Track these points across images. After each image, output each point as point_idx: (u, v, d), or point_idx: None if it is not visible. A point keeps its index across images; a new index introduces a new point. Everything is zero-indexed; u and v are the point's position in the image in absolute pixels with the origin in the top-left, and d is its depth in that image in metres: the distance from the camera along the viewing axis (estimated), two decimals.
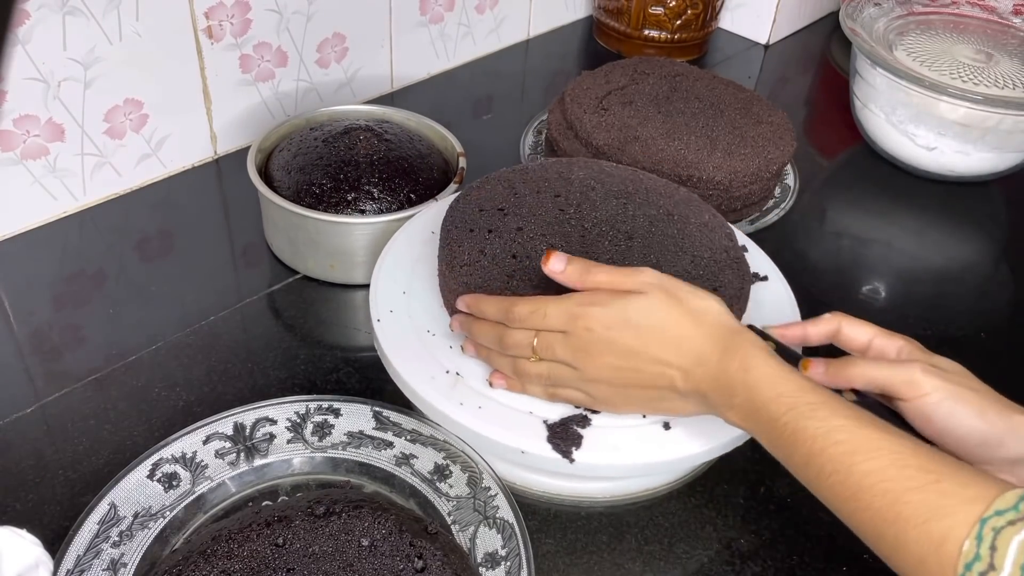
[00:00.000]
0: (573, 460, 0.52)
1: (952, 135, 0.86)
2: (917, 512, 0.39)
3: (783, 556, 0.56)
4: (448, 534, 0.51)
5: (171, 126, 0.80)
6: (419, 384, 0.55)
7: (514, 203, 0.62)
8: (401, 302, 0.61)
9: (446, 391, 0.55)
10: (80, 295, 0.70)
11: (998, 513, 0.36)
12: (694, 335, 0.49)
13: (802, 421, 0.44)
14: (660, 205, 0.64)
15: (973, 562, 0.36)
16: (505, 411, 0.55)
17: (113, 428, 0.60)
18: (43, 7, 0.67)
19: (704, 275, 0.59)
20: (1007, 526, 0.36)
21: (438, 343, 0.58)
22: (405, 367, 0.56)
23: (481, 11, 1.02)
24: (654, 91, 0.85)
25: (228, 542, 0.48)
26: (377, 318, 0.59)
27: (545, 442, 0.53)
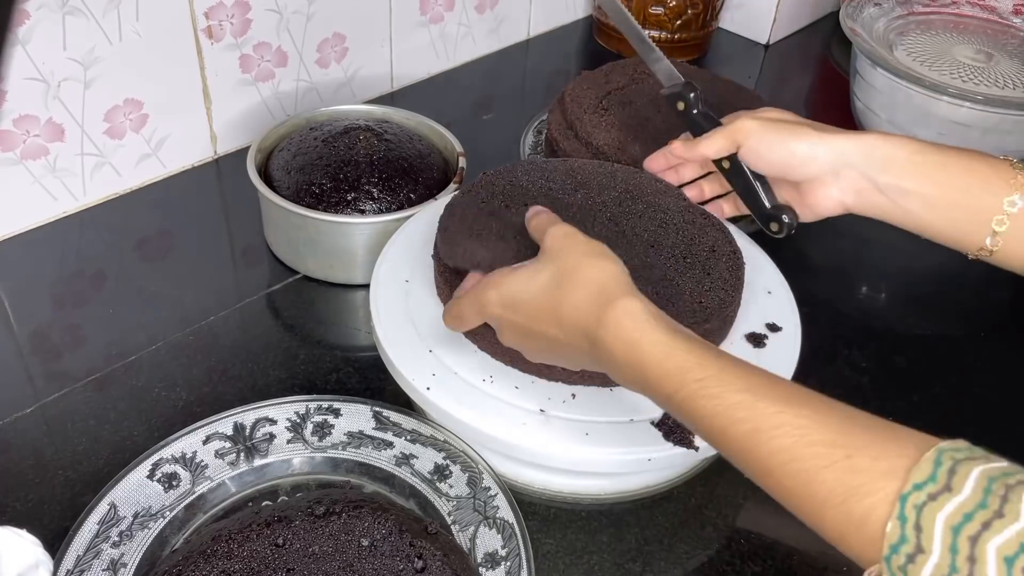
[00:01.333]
0: (697, 448, 0.53)
1: (952, 135, 0.86)
2: (833, 491, 0.37)
3: (783, 556, 0.56)
4: (448, 534, 0.51)
5: (171, 126, 0.80)
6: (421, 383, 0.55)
7: (512, 196, 0.62)
8: (401, 302, 0.61)
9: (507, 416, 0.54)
10: (80, 295, 0.70)
11: (916, 487, 0.34)
12: (575, 309, 0.48)
13: (696, 401, 0.42)
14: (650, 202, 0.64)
15: (899, 544, 0.34)
16: (609, 427, 0.54)
17: (113, 428, 0.60)
18: (43, 7, 0.67)
19: (695, 268, 0.59)
20: (929, 501, 0.34)
21: (439, 342, 0.58)
22: (406, 367, 0.56)
23: (481, 11, 1.02)
24: (654, 91, 0.85)
25: (228, 542, 0.48)
26: (377, 318, 0.59)
27: (665, 441, 0.53)
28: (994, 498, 0.33)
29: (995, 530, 0.32)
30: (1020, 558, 0.31)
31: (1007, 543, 0.32)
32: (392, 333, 0.58)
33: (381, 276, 0.63)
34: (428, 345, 0.58)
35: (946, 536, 0.33)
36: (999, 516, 0.32)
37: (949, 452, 0.35)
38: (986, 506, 0.32)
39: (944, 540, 0.33)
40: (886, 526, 0.35)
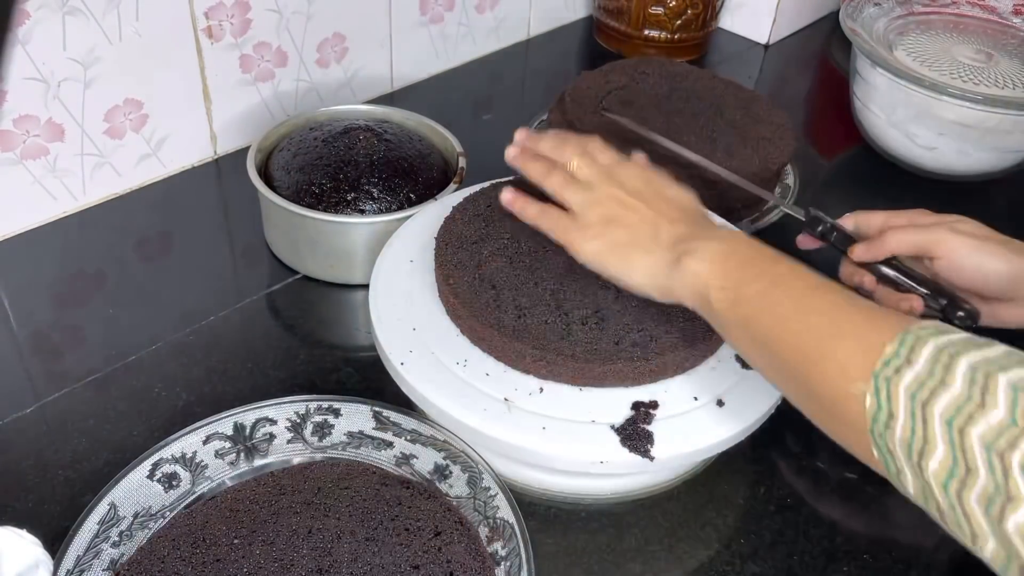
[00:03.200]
0: (653, 458, 0.53)
1: (952, 135, 0.86)
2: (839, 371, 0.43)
3: (783, 556, 0.56)
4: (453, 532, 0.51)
5: (171, 126, 0.80)
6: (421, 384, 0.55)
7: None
8: (401, 302, 0.61)
9: (492, 413, 0.55)
10: (80, 295, 0.70)
11: (885, 364, 0.41)
12: (686, 204, 0.57)
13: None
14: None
15: (878, 413, 0.40)
16: (567, 425, 0.54)
17: (113, 428, 0.60)
18: (43, 7, 0.67)
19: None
20: (893, 375, 0.40)
21: (440, 342, 0.58)
22: (408, 367, 0.56)
23: (481, 11, 1.02)
24: (654, 91, 0.85)
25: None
26: (377, 318, 0.59)
27: (620, 447, 0.53)
28: (939, 368, 0.39)
29: (937, 395, 0.38)
30: (955, 419, 0.37)
31: (947, 408, 0.38)
32: (391, 333, 0.58)
33: (381, 276, 0.63)
34: (430, 345, 0.58)
35: (907, 402, 0.39)
36: (942, 384, 0.38)
37: (914, 331, 0.41)
38: (933, 375, 0.39)
39: (906, 406, 0.39)
40: (866, 401, 0.41)
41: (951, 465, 0.37)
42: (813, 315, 0.46)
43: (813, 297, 0.47)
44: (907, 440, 0.39)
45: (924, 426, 0.38)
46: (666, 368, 0.57)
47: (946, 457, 0.38)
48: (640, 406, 0.55)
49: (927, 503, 0.40)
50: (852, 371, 0.42)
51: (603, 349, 0.56)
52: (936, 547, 0.57)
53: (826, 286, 0.48)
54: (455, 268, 0.60)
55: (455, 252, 0.61)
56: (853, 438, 0.43)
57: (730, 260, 0.51)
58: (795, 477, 0.61)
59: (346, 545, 0.49)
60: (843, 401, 0.42)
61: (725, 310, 0.49)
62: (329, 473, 0.54)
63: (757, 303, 0.48)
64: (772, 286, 0.48)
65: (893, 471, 0.41)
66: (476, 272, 0.60)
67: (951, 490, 0.38)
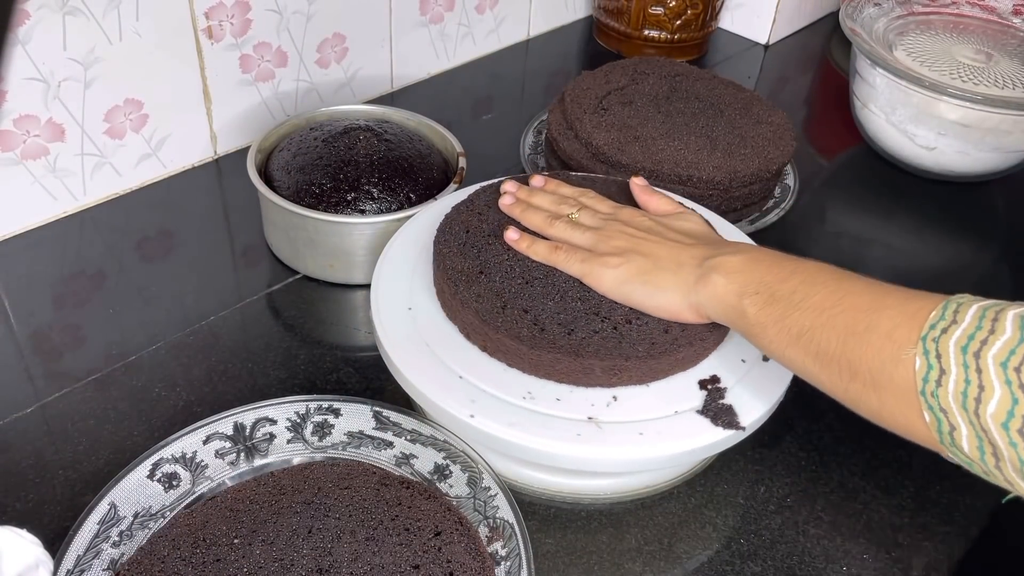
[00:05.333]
0: (744, 428, 0.54)
1: (952, 135, 0.86)
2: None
3: (783, 556, 0.56)
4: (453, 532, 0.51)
5: (171, 126, 0.80)
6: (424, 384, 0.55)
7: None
8: (401, 301, 0.61)
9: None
10: (80, 295, 0.70)
11: (931, 327, 0.42)
12: (697, 231, 0.60)
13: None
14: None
15: (928, 372, 0.42)
16: (661, 424, 0.54)
17: (113, 428, 0.60)
18: (43, 7, 0.67)
19: None
20: (941, 334, 0.42)
21: (439, 342, 0.58)
22: (407, 367, 0.56)
23: (481, 11, 1.02)
24: (654, 91, 0.85)
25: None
26: (377, 318, 0.59)
27: (714, 427, 0.54)
28: (987, 322, 0.41)
29: (989, 344, 0.40)
30: (1010, 360, 0.39)
31: (999, 352, 0.40)
32: (392, 333, 0.58)
33: (381, 276, 0.63)
34: (430, 345, 0.58)
35: (957, 356, 0.41)
36: (991, 333, 0.40)
37: (954, 299, 0.43)
38: (981, 328, 0.41)
39: (957, 359, 0.41)
40: (915, 364, 0.42)
41: (1011, 405, 0.39)
42: (850, 296, 0.47)
43: (847, 282, 0.49)
44: (961, 391, 0.40)
45: (979, 375, 0.40)
46: (715, 342, 0.58)
47: (1004, 397, 0.39)
48: (706, 384, 0.56)
49: (982, 453, 0.41)
50: (898, 337, 0.43)
51: (662, 342, 0.56)
52: (936, 547, 0.57)
53: (856, 275, 0.50)
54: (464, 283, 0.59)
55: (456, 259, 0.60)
56: (900, 406, 0.44)
57: (757, 266, 0.52)
58: (795, 477, 0.61)
59: (346, 545, 0.49)
60: (891, 368, 0.43)
61: (759, 312, 0.50)
62: (329, 473, 0.54)
63: (792, 299, 0.49)
64: (804, 283, 0.49)
65: (946, 430, 0.42)
66: (491, 287, 0.58)
67: (1012, 428, 0.39)
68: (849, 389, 0.47)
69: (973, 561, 0.58)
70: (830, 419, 0.64)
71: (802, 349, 0.48)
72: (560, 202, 0.63)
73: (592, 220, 0.61)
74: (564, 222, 0.61)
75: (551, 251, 0.59)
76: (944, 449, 0.43)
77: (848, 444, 0.63)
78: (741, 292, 0.51)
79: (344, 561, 0.48)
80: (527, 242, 0.60)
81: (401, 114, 0.80)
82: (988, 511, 0.60)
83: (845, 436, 0.63)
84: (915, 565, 0.56)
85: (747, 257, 0.53)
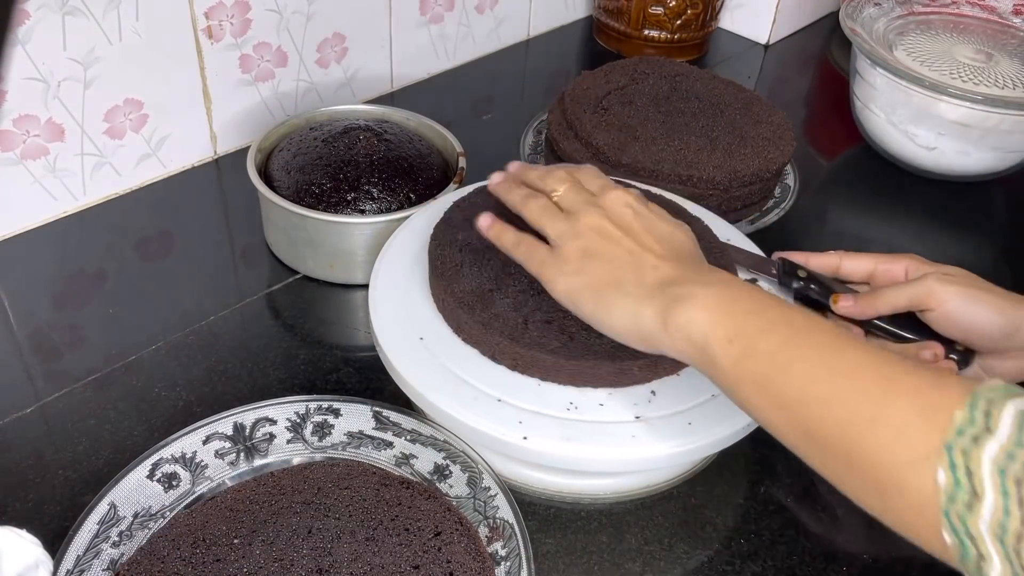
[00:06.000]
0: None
1: (952, 135, 0.86)
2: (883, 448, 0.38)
3: (783, 556, 0.56)
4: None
5: (171, 126, 0.80)
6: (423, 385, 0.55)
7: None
8: (401, 302, 0.61)
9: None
10: (80, 295, 0.70)
11: (959, 433, 0.35)
12: (678, 242, 0.52)
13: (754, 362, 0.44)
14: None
15: (956, 491, 0.35)
16: (710, 408, 0.54)
17: (113, 428, 0.60)
18: (43, 7, 0.67)
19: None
20: (972, 445, 0.35)
21: (440, 342, 0.58)
22: (406, 368, 0.56)
23: (481, 11, 1.02)
24: (654, 91, 0.85)
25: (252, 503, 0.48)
26: (377, 318, 0.59)
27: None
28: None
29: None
30: None
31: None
32: (391, 334, 0.58)
33: (381, 276, 0.63)
34: (429, 345, 0.58)
35: (994, 479, 0.33)
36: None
37: (982, 393, 0.36)
38: (1022, 443, 0.33)
39: (994, 482, 0.33)
40: (938, 476, 0.35)
41: None
42: (849, 370, 0.40)
43: (844, 351, 0.41)
44: (999, 523, 0.33)
45: (1022, 507, 0.33)
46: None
47: None
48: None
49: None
50: (913, 437, 0.36)
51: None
52: None
53: (852, 339, 0.43)
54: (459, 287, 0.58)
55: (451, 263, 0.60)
56: (912, 516, 0.37)
57: (735, 308, 0.45)
58: (795, 477, 0.61)
59: (346, 545, 0.49)
60: (904, 472, 0.36)
61: (732, 366, 0.43)
62: (329, 473, 0.54)
63: (775, 360, 0.42)
64: (789, 340, 0.42)
65: (972, 557, 0.34)
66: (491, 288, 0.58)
67: None
68: (846, 480, 0.40)
69: None
70: None
71: (789, 420, 0.42)
72: (547, 176, 0.55)
73: (573, 199, 0.53)
74: (539, 204, 0.54)
75: (515, 245, 0.54)
76: (965, 572, 0.36)
77: None
78: (710, 335, 0.44)
79: (344, 561, 0.48)
80: (496, 229, 0.55)
81: (401, 114, 0.80)
82: None
83: None
84: (915, 565, 0.56)
85: (720, 292, 0.46)
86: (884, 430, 0.37)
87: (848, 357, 0.41)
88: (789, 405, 0.41)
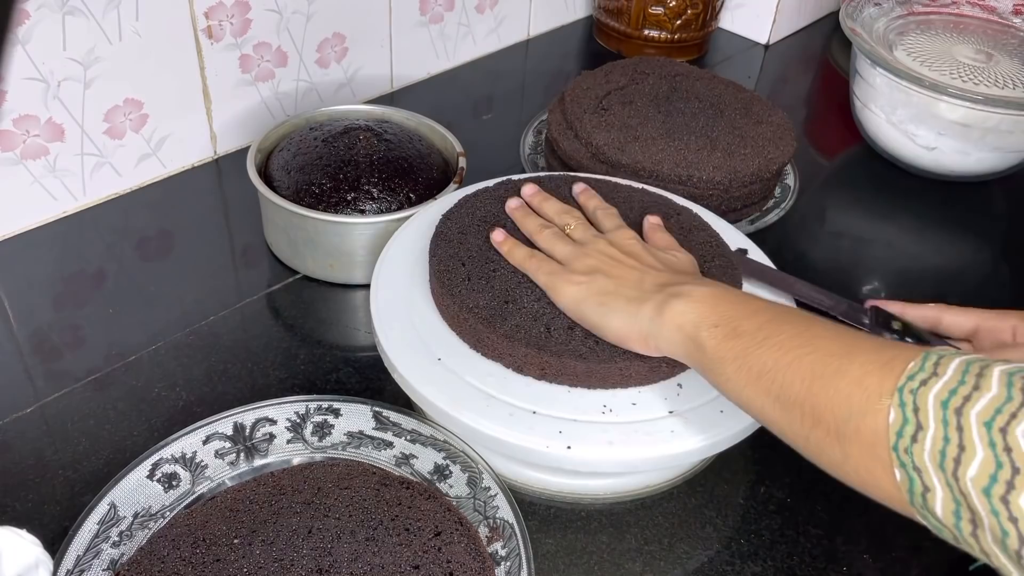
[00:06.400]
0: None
1: (952, 135, 0.86)
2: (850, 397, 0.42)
3: (783, 556, 0.56)
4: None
5: (171, 126, 0.80)
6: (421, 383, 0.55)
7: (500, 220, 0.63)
8: (401, 301, 0.61)
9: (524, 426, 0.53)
10: (80, 295, 0.70)
11: (910, 377, 0.39)
12: (681, 267, 0.57)
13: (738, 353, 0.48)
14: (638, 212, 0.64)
15: (903, 427, 0.39)
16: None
17: (113, 428, 0.60)
18: (43, 7, 0.67)
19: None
20: (920, 386, 0.39)
21: (440, 343, 0.58)
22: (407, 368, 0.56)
23: (481, 11, 1.02)
24: (654, 91, 0.85)
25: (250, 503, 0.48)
26: (377, 318, 0.59)
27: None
28: (971, 377, 0.37)
29: (973, 401, 0.37)
30: (995, 420, 0.36)
31: (983, 410, 0.36)
32: (392, 333, 0.58)
33: (381, 276, 0.63)
34: (429, 345, 0.58)
35: (937, 411, 0.38)
36: (975, 389, 0.37)
37: (935, 351, 0.40)
38: (965, 383, 0.37)
39: (936, 415, 0.37)
40: (889, 416, 0.39)
41: (994, 469, 0.35)
42: (820, 339, 0.44)
43: (817, 325, 0.45)
44: (939, 450, 0.37)
45: (960, 432, 0.37)
46: None
47: (987, 460, 0.36)
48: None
49: (958, 519, 0.37)
50: (870, 385, 0.40)
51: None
52: (936, 547, 0.57)
53: (827, 320, 0.46)
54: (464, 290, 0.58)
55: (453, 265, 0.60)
56: (867, 461, 0.40)
57: (721, 301, 0.49)
58: (795, 477, 0.61)
59: (346, 545, 0.49)
60: (859, 418, 0.40)
61: (718, 345, 0.47)
62: (329, 473, 0.54)
63: (756, 336, 0.46)
64: (770, 321, 0.47)
65: (918, 490, 0.38)
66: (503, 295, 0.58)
67: (995, 495, 0.35)
68: (811, 437, 0.44)
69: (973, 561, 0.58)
70: None
71: (762, 389, 0.45)
72: (565, 212, 0.62)
73: (583, 234, 0.59)
74: (552, 232, 0.60)
75: (526, 258, 0.58)
76: (914, 511, 0.40)
77: None
78: (700, 322, 0.49)
79: (344, 561, 0.48)
80: (509, 245, 0.60)
81: (401, 114, 0.80)
82: None
83: None
84: (915, 565, 0.56)
85: (713, 290, 0.51)
86: (845, 382, 0.41)
87: (817, 329, 0.45)
88: (764, 374, 0.45)
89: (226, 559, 0.48)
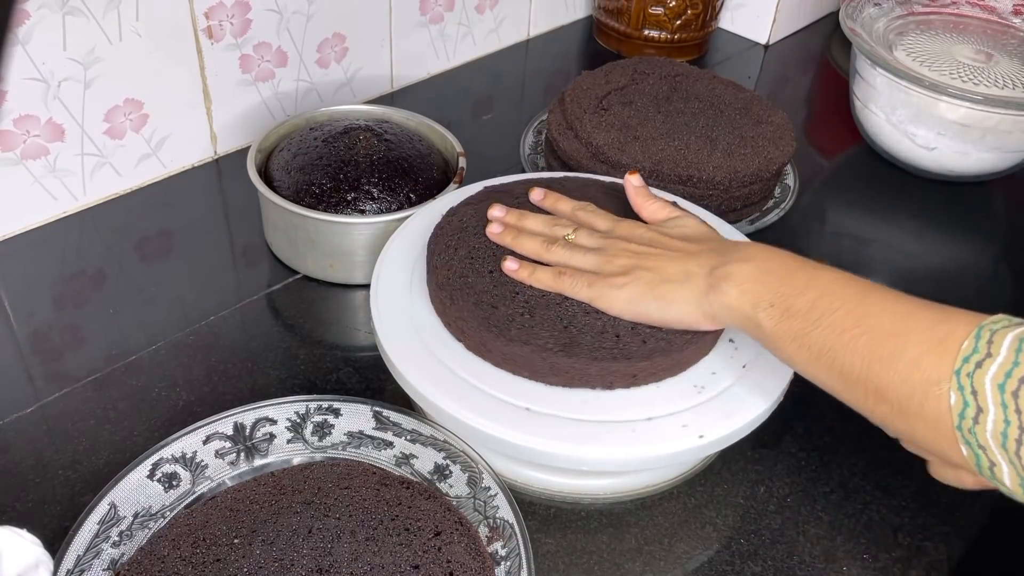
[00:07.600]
0: None
1: (952, 135, 0.86)
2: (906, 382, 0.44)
3: (783, 556, 0.56)
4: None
5: (171, 126, 0.80)
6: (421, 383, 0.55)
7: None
8: (401, 301, 0.61)
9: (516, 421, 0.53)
10: (80, 295, 0.70)
11: (965, 360, 0.41)
12: (700, 235, 0.58)
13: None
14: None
15: (964, 410, 0.40)
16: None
17: (113, 428, 0.60)
18: (43, 7, 0.67)
19: None
20: (976, 369, 0.40)
21: (440, 342, 0.58)
22: (407, 368, 0.56)
23: (481, 11, 1.02)
24: (654, 91, 0.85)
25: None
26: (377, 318, 0.59)
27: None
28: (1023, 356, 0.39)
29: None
30: None
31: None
32: (393, 333, 0.58)
33: (381, 276, 0.63)
34: (429, 345, 0.58)
35: (995, 394, 0.39)
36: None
37: (987, 325, 0.42)
38: (1019, 363, 0.39)
39: (995, 398, 0.39)
40: (950, 399, 0.41)
41: None
42: (871, 317, 0.45)
43: (868, 299, 0.47)
44: (1001, 432, 0.39)
45: (1019, 415, 0.39)
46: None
47: None
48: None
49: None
50: (927, 367, 0.42)
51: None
52: (937, 547, 0.57)
53: (878, 288, 0.48)
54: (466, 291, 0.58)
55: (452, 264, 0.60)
56: (932, 435, 0.43)
57: (771, 277, 0.50)
58: (795, 477, 0.61)
59: (346, 545, 0.49)
60: (921, 398, 0.42)
61: (775, 326, 0.49)
62: (329, 473, 0.54)
63: (809, 315, 0.47)
64: (821, 297, 0.48)
65: (985, 464, 0.41)
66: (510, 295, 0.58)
67: None
68: (876, 411, 0.46)
69: (973, 561, 0.58)
70: (830, 419, 0.64)
71: (824, 368, 0.47)
72: (554, 223, 0.60)
73: (591, 240, 0.58)
74: (561, 245, 0.58)
75: (555, 278, 0.57)
76: (984, 480, 0.42)
77: (848, 444, 0.63)
78: (755, 304, 0.50)
79: (344, 561, 0.48)
80: (528, 271, 0.58)
81: (401, 114, 0.80)
82: (988, 511, 0.60)
83: (845, 436, 0.63)
84: (915, 565, 0.56)
85: (758, 266, 0.51)
86: (902, 364, 0.43)
87: (867, 306, 0.46)
88: (823, 354, 0.47)
89: (226, 559, 0.48)
